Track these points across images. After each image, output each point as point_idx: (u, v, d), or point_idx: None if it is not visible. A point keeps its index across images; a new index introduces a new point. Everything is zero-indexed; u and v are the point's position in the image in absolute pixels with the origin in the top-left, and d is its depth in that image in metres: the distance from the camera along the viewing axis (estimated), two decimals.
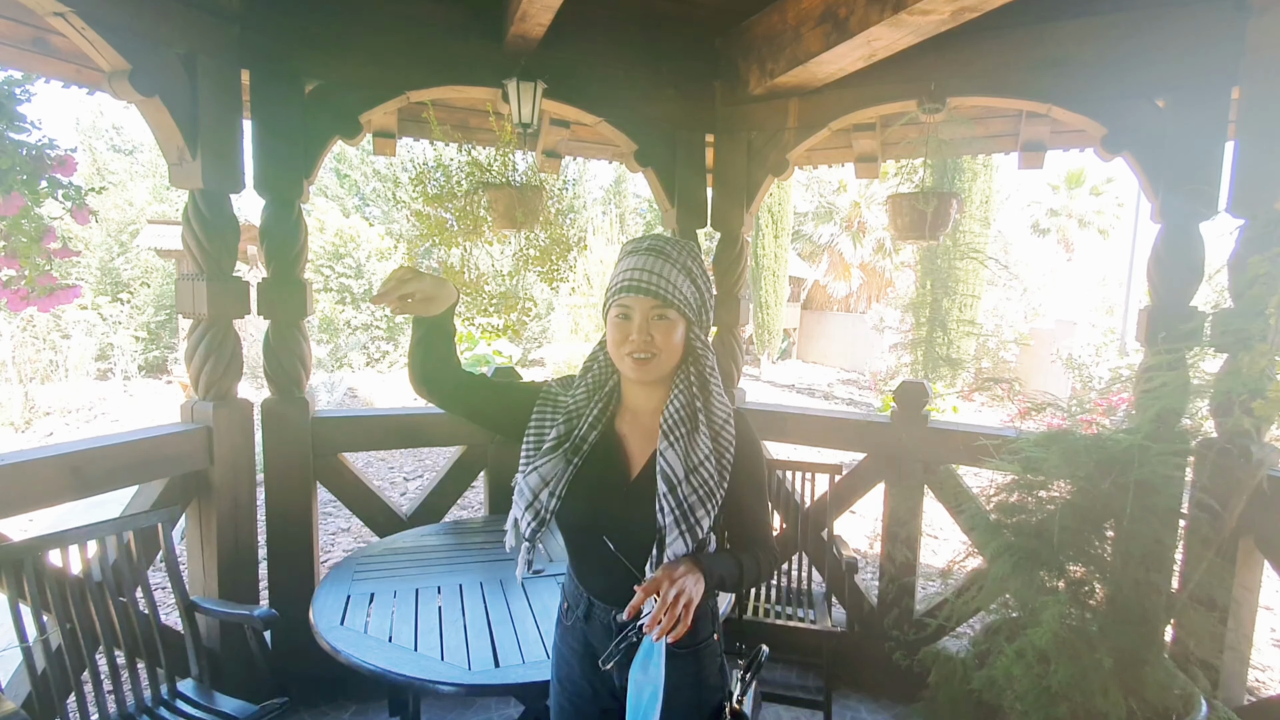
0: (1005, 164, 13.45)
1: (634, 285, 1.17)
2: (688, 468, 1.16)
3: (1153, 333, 2.34)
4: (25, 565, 1.81)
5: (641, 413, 1.28)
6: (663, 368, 1.20)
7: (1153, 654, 1.99)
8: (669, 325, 1.18)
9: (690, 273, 1.20)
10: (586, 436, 1.26)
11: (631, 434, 1.28)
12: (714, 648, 1.30)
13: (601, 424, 1.27)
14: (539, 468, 1.24)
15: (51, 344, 10.77)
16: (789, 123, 2.97)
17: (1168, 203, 2.34)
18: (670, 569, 1.09)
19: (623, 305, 1.19)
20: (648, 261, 1.18)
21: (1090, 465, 2.03)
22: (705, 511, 1.15)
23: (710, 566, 1.14)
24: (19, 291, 1.93)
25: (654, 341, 1.18)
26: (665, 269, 1.17)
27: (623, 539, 1.20)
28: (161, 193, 19.92)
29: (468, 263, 3.02)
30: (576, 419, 1.27)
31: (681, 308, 1.18)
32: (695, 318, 1.21)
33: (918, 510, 2.84)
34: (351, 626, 1.81)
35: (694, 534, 1.14)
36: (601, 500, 1.24)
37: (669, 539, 1.14)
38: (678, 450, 1.17)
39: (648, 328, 1.18)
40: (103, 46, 2.02)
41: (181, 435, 2.37)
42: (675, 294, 1.17)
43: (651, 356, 1.18)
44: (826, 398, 13.32)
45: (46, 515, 4.38)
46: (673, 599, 1.04)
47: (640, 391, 1.27)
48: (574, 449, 1.25)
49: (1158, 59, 2.34)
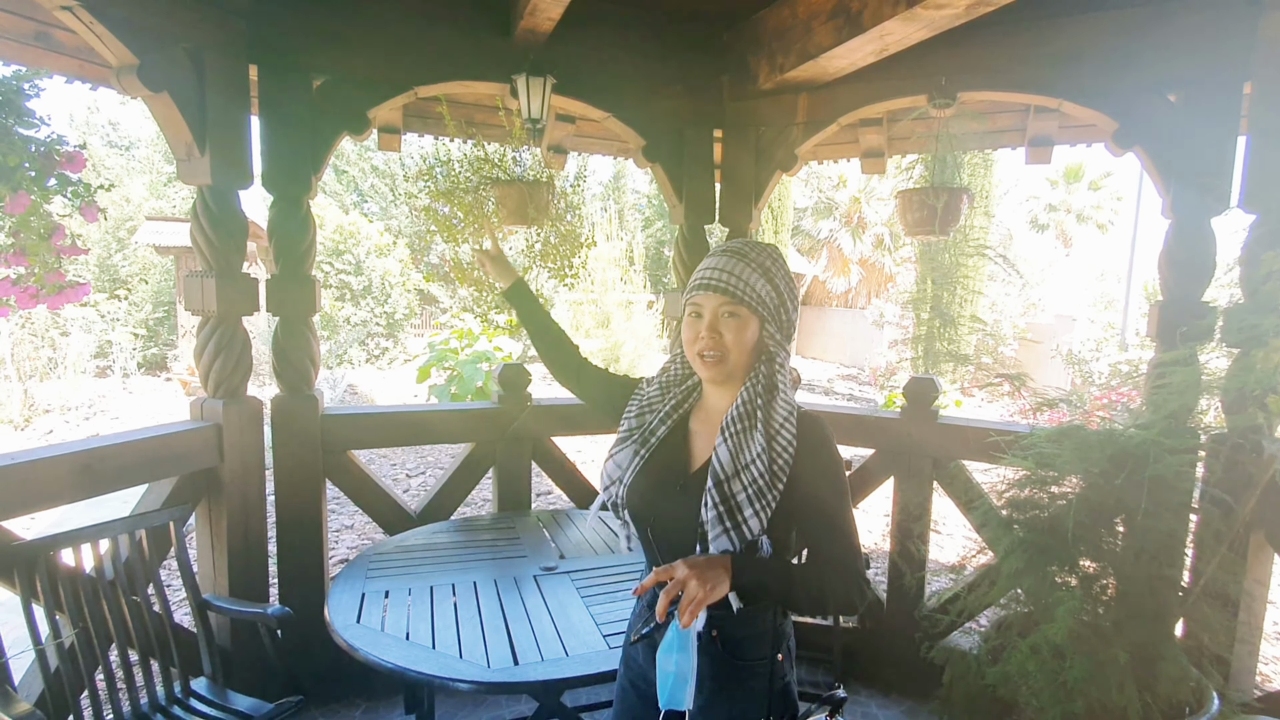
0: (1004, 159, 13.45)
1: (705, 283, 1.19)
2: (738, 465, 1.14)
3: (1164, 328, 2.34)
4: (38, 564, 1.80)
5: (714, 411, 1.28)
6: (731, 367, 1.20)
7: (1166, 648, 2.00)
8: (739, 324, 1.18)
9: (768, 273, 1.19)
10: (655, 430, 1.28)
11: (701, 431, 1.29)
12: (776, 670, 1.24)
13: (673, 419, 1.29)
14: (614, 455, 1.30)
15: (50, 341, 10.72)
16: (798, 118, 2.96)
17: (1179, 198, 2.34)
18: (690, 559, 1.07)
19: (695, 304, 1.21)
20: (722, 261, 1.19)
21: (1103, 461, 2.03)
22: (754, 511, 1.12)
23: (745, 568, 1.10)
24: (29, 289, 1.92)
25: (722, 340, 1.18)
26: (738, 268, 1.17)
27: (672, 533, 1.22)
28: (159, 189, 19.82)
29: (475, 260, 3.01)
30: (649, 413, 1.31)
31: (754, 306, 1.17)
32: (770, 317, 1.19)
33: (927, 505, 2.84)
34: (368, 624, 1.81)
35: (739, 533, 1.12)
36: (658, 493, 1.24)
37: (711, 535, 1.13)
38: (730, 446, 1.16)
39: (717, 325, 1.18)
40: (110, 41, 2.00)
41: (191, 433, 2.36)
42: (747, 292, 1.17)
43: (720, 355, 1.19)
44: (827, 393, 13.34)
45: (46, 515, 4.37)
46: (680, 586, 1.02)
47: (714, 390, 1.28)
48: (642, 441, 1.28)
49: (1170, 53, 2.33)
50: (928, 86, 2.63)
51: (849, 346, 17.69)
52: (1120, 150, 2.48)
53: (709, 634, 1.19)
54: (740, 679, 1.21)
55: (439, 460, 6.95)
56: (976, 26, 2.22)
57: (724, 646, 1.21)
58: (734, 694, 1.21)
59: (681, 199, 3.14)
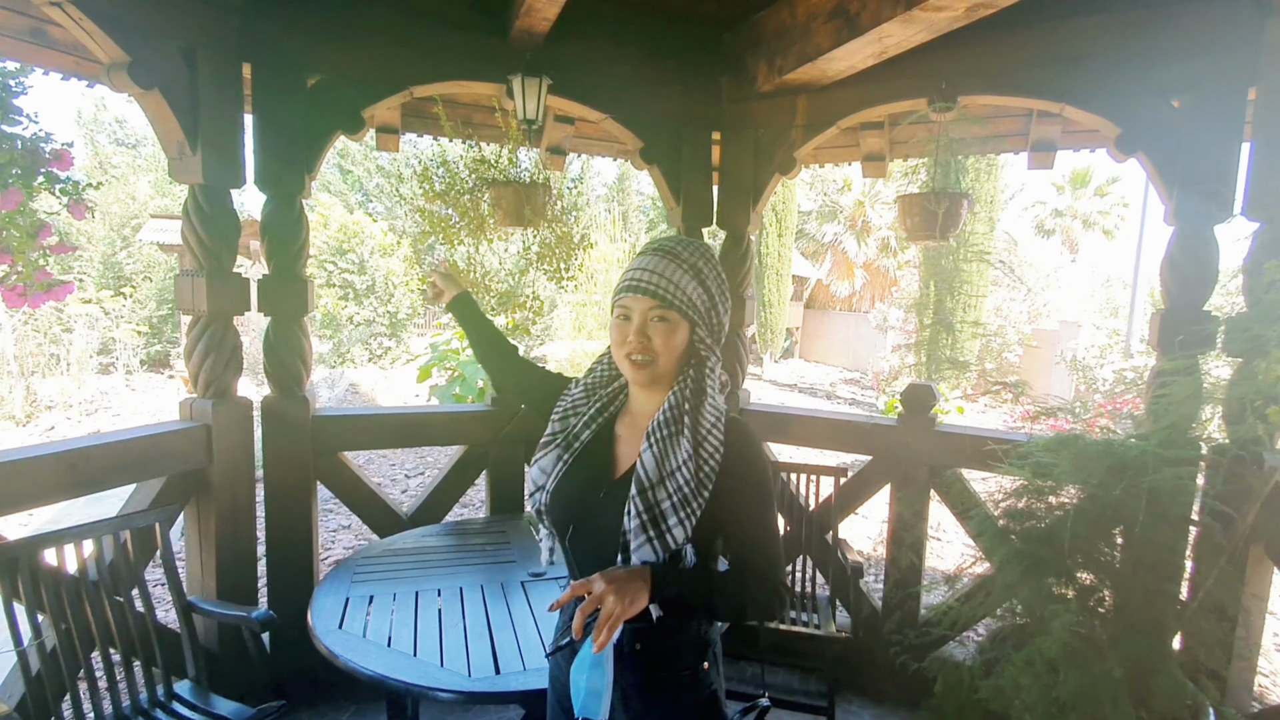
0: (1009, 164, 13.38)
1: (634, 285, 1.15)
2: (663, 472, 1.11)
3: (1165, 337, 2.30)
4: (20, 564, 1.78)
5: (640, 415, 1.24)
6: (660, 371, 1.17)
7: (1162, 664, 1.96)
8: (669, 328, 1.15)
9: (700, 274, 1.16)
10: (579, 434, 1.24)
11: (627, 436, 1.25)
12: (702, 680, 1.20)
13: (598, 423, 1.25)
14: (539, 461, 1.26)
15: (53, 338, 10.74)
16: (797, 120, 2.94)
17: (1182, 204, 2.30)
18: (609, 573, 1.04)
19: (623, 306, 1.17)
20: (652, 262, 1.15)
21: (1101, 471, 2.00)
22: (678, 520, 1.08)
23: (666, 579, 1.06)
24: (15, 288, 1.90)
25: (651, 344, 1.15)
26: (669, 269, 1.14)
27: (593, 543, 1.18)
28: (164, 187, 19.88)
29: (473, 261, 2.99)
30: (573, 416, 1.27)
31: (684, 310, 1.14)
32: (701, 320, 1.17)
33: (924, 514, 2.81)
34: (350, 630, 1.79)
35: (663, 542, 1.08)
36: (580, 500, 1.21)
37: (634, 544, 1.09)
38: (655, 452, 1.12)
39: (646, 329, 1.15)
40: (100, 38, 1.99)
41: (180, 433, 2.34)
42: (677, 295, 1.13)
43: (649, 360, 1.16)
44: (829, 397, 13.29)
45: (45, 513, 4.37)
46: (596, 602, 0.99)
47: (641, 394, 1.24)
48: (565, 446, 1.24)
49: (1174, 58, 2.30)
50: (928, 90, 2.61)
51: (852, 350, 17.64)
52: (1123, 156, 2.45)
53: (632, 648, 1.16)
54: (667, 690, 1.18)
55: (437, 461, 6.93)
56: (977, 29, 2.19)
57: (649, 659, 1.17)
58: (661, 706, 1.18)
59: (679, 201, 3.12)
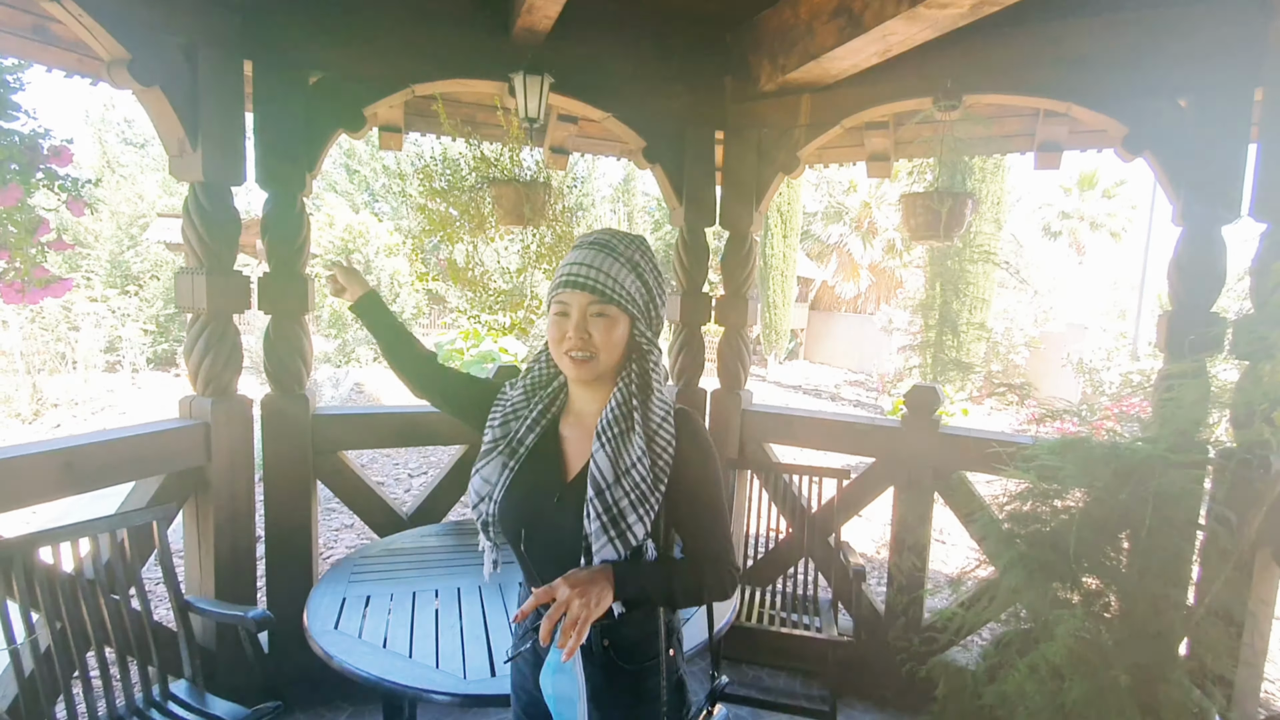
0: (1016, 166, 13.33)
1: (572, 280, 1.13)
2: (618, 470, 1.10)
3: (1173, 339, 2.27)
4: (15, 562, 1.77)
5: (585, 414, 1.23)
6: (602, 367, 1.15)
7: (1169, 670, 1.93)
8: (608, 323, 1.13)
9: (637, 268, 1.15)
10: (524, 439, 1.22)
11: (573, 436, 1.23)
12: (669, 665, 1.21)
13: (542, 425, 1.23)
14: (480, 470, 1.23)
15: (60, 336, 10.80)
16: (800, 120, 2.92)
17: (1189, 205, 2.28)
18: (571, 576, 1.04)
19: (561, 301, 1.15)
20: (589, 256, 1.13)
21: (1107, 475, 1.97)
22: (638, 517, 1.09)
23: (627, 577, 1.08)
24: (13, 284, 1.89)
25: (591, 340, 1.13)
26: (606, 263, 1.12)
27: (551, 548, 1.16)
28: (172, 186, 19.94)
29: (472, 259, 2.98)
30: (514, 420, 1.24)
31: (624, 304, 1.13)
32: (641, 314, 1.15)
33: (928, 517, 2.79)
34: (346, 630, 1.77)
35: (624, 540, 1.09)
36: (533, 506, 1.19)
37: (595, 545, 1.09)
38: (608, 452, 1.11)
39: (585, 325, 1.13)
40: (100, 34, 1.98)
41: (178, 431, 2.34)
42: (616, 290, 1.12)
43: (590, 356, 1.14)
44: (833, 399, 13.25)
45: (49, 510, 4.38)
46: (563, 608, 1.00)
47: (583, 392, 1.22)
48: (510, 452, 1.22)
49: (1180, 58, 2.27)
50: (933, 89, 2.58)
51: (857, 352, 17.60)
52: (1130, 156, 2.42)
53: (601, 644, 1.16)
54: (637, 680, 1.18)
55: (440, 460, 6.93)
56: (982, 27, 2.17)
57: (619, 652, 1.17)
58: (632, 696, 1.18)
59: (682, 200, 3.10)
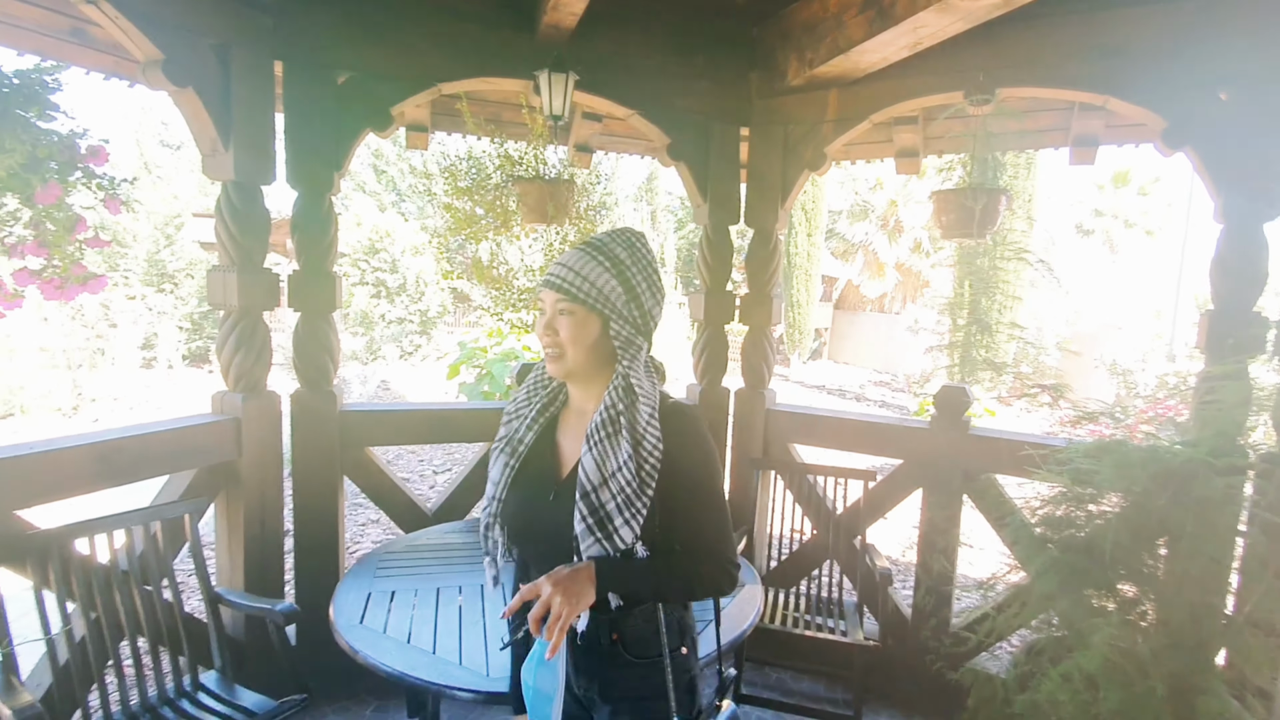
0: (1048, 161, 13.03)
1: (546, 280, 1.18)
2: (604, 474, 1.11)
3: (1213, 340, 2.20)
4: (52, 553, 1.82)
5: (580, 411, 1.25)
6: (570, 364, 1.17)
7: (1206, 680, 1.87)
8: (574, 321, 1.15)
9: (618, 264, 1.16)
10: (524, 437, 1.25)
11: (571, 434, 1.25)
12: (678, 663, 1.20)
13: (540, 424, 1.26)
14: (490, 470, 1.26)
15: (99, 332, 11.10)
16: (828, 115, 2.88)
17: (1231, 202, 2.21)
18: (554, 574, 1.06)
19: (540, 301, 1.21)
20: (568, 256, 1.17)
21: (1145, 479, 1.91)
22: (624, 520, 1.10)
23: (610, 573, 1.09)
24: (52, 281, 1.94)
25: (559, 337, 1.16)
26: (580, 263, 1.15)
27: (545, 546, 1.18)
28: (206, 186, 20.29)
29: (497, 257, 3.00)
30: (517, 419, 1.28)
31: (590, 303, 1.14)
32: (616, 313, 1.15)
33: (956, 520, 2.73)
34: (371, 625, 1.79)
35: (611, 543, 1.10)
36: (530, 504, 1.21)
37: (583, 545, 1.10)
38: (595, 455, 1.12)
39: (554, 323, 1.17)
40: (136, 36, 2.02)
41: (210, 426, 2.38)
42: (584, 289, 1.13)
43: (558, 353, 1.17)
44: (858, 399, 13.10)
45: (87, 503, 4.48)
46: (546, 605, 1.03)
47: (577, 389, 1.25)
48: (511, 450, 1.24)
49: (1221, 48, 2.20)
50: (964, 82, 2.53)
51: (882, 352, 17.37)
52: (1169, 150, 2.35)
53: (609, 637, 1.17)
54: (645, 675, 1.18)
55: (465, 456, 6.98)
56: (1016, 18, 2.12)
57: (626, 646, 1.18)
58: (640, 692, 1.18)
59: (706, 198, 3.08)
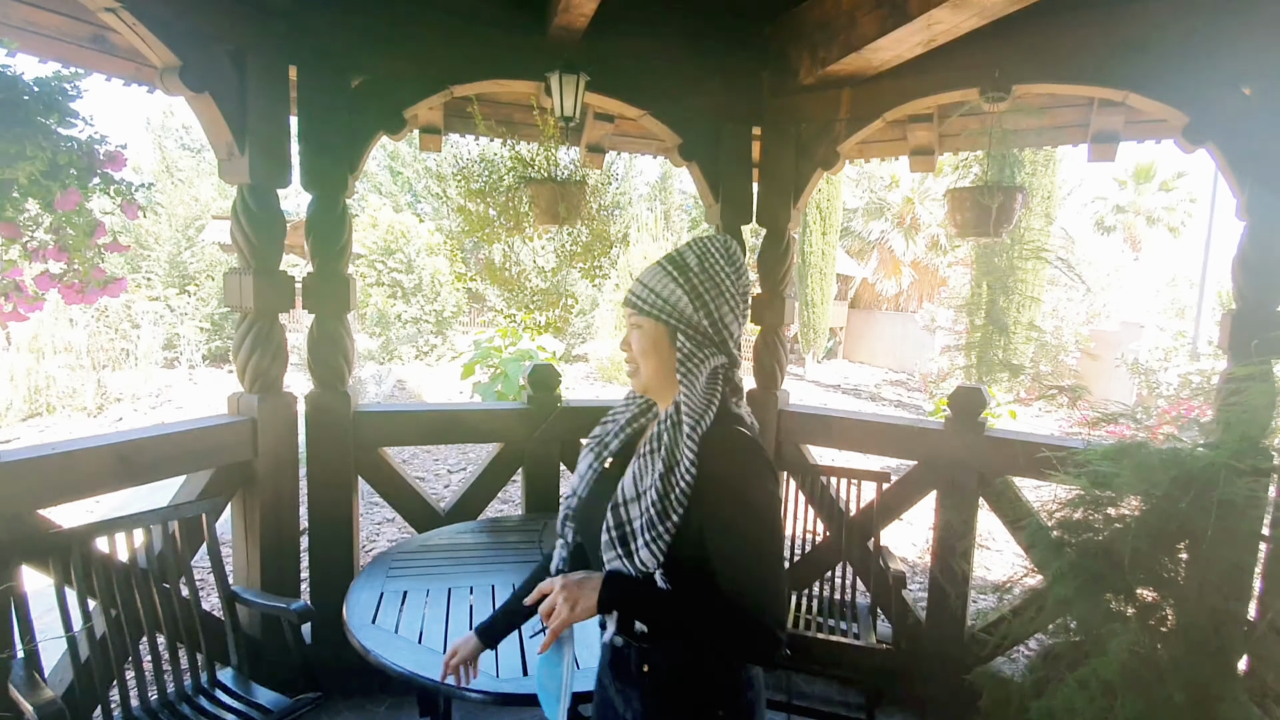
0: (1068, 157, 12.86)
1: (625, 298, 1.19)
2: (637, 490, 1.09)
3: (1236, 339, 2.16)
4: (73, 551, 1.85)
5: None
6: (646, 378, 1.18)
7: (1227, 688, 1.83)
8: (641, 334, 1.16)
9: (685, 271, 1.11)
10: (609, 443, 1.26)
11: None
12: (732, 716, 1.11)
13: (628, 431, 1.27)
14: (578, 462, 1.28)
15: (123, 333, 11.29)
16: (840, 114, 2.86)
17: (1255, 198, 2.16)
18: (567, 576, 1.08)
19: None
20: (644, 270, 1.18)
21: (1166, 482, 1.88)
22: (645, 541, 1.04)
23: (616, 588, 1.05)
24: (73, 285, 1.97)
25: (633, 352, 1.18)
26: (650, 274, 1.15)
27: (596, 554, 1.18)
28: (225, 190, 20.63)
29: (510, 258, 3.00)
30: (610, 421, 1.30)
31: (654, 313, 1.12)
32: (682, 322, 1.11)
33: (972, 523, 2.70)
34: (383, 625, 1.80)
35: (631, 561, 1.06)
36: (597, 509, 1.19)
37: (606, 558, 1.09)
38: (635, 469, 1.12)
39: (628, 338, 1.19)
40: (153, 42, 2.05)
41: (227, 427, 2.40)
42: (646, 299, 1.13)
43: (634, 368, 1.18)
44: (873, 399, 13.01)
45: (110, 501, 4.57)
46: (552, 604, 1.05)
47: (659, 405, 1.25)
48: (597, 453, 1.26)
49: (1244, 43, 2.16)
50: (980, 79, 2.50)
51: (898, 351, 17.23)
52: (1191, 147, 2.31)
53: (639, 668, 1.13)
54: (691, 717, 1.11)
55: (479, 456, 7.01)
56: (1032, 13, 2.08)
57: (654, 684, 1.13)
58: None
59: (718, 198, 3.07)
